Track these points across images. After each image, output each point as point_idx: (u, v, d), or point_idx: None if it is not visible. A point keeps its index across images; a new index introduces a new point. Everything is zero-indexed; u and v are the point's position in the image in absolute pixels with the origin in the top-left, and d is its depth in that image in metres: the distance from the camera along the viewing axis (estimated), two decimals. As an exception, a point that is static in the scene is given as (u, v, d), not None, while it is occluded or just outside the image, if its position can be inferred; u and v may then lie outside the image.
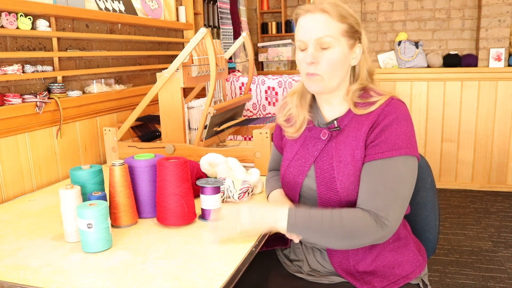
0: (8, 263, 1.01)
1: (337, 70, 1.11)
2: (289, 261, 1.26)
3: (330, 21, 1.08)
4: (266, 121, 1.97)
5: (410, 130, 1.08)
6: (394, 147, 1.05)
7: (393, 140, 1.05)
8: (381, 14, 4.15)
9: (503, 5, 3.69)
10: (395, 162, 1.05)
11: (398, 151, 1.05)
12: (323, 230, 1.03)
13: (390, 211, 1.03)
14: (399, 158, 1.05)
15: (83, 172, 1.19)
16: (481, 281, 2.39)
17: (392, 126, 1.06)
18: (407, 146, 1.06)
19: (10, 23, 1.50)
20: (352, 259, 1.13)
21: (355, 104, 1.13)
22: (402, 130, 1.06)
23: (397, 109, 1.08)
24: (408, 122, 1.08)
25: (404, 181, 1.06)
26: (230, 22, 3.72)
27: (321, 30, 1.08)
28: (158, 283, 0.90)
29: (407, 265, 1.14)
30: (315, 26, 1.08)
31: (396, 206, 1.04)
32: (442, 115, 3.90)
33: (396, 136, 1.05)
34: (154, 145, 1.73)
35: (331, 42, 1.08)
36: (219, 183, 1.23)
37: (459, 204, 3.56)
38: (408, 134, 1.07)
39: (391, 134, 1.06)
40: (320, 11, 1.08)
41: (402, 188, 1.05)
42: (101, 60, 2.05)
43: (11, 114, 1.49)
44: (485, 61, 3.80)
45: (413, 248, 1.17)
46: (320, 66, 1.10)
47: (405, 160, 1.05)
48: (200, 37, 1.60)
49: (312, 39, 1.09)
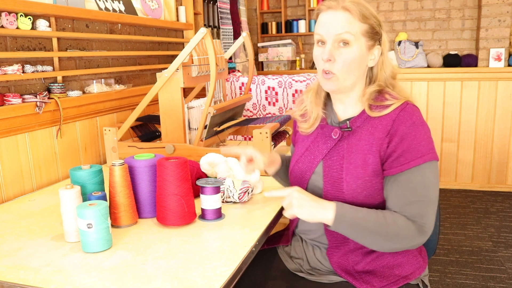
0: (8, 263, 1.01)
1: (353, 70, 1.10)
2: (290, 258, 1.26)
3: (351, 20, 1.07)
4: (266, 121, 1.97)
5: (428, 135, 1.08)
6: (417, 155, 1.05)
7: (415, 148, 1.05)
8: (381, 14, 4.15)
9: (503, 5, 3.69)
10: (422, 169, 1.05)
11: (423, 159, 1.05)
12: (370, 228, 1.04)
13: (427, 218, 1.05)
14: (424, 165, 1.05)
15: (83, 172, 1.19)
16: (481, 281, 2.39)
17: (411, 134, 1.06)
18: (429, 152, 1.06)
19: (10, 23, 1.49)
20: (352, 259, 1.13)
21: (370, 106, 1.12)
22: (421, 137, 1.06)
23: (412, 114, 1.08)
24: (424, 127, 1.08)
25: (432, 186, 1.07)
26: (230, 22, 3.72)
27: (340, 27, 1.07)
28: (158, 283, 0.90)
29: (407, 266, 1.14)
30: (334, 23, 1.08)
31: (430, 211, 1.06)
32: (442, 115, 3.90)
33: (417, 143, 1.05)
34: (154, 145, 1.73)
35: (350, 40, 1.07)
36: (219, 183, 1.23)
37: (459, 204, 3.56)
38: (427, 139, 1.07)
39: (412, 142, 1.06)
40: (342, 9, 1.08)
41: (431, 193, 1.07)
42: (101, 60, 2.05)
43: (11, 114, 1.49)
44: (485, 61, 3.80)
45: (414, 249, 1.17)
46: (336, 64, 1.09)
47: (429, 165, 1.06)
48: (200, 37, 1.60)
49: (331, 35, 1.08)
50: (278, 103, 2.65)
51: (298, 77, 2.62)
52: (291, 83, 2.61)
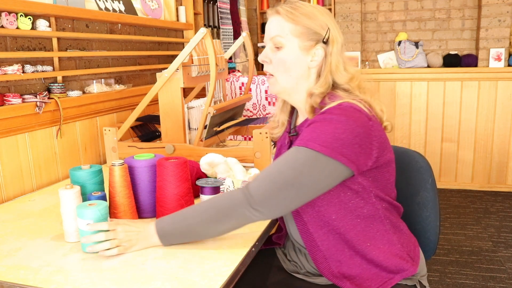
0: (8, 263, 1.01)
1: (288, 71, 1.11)
2: (288, 260, 1.26)
3: (281, 22, 1.10)
4: (266, 121, 1.97)
5: (342, 133, 0.97)
6: (307, 139, 0.98)
7: (313, 134, 0.99)
8: (381, 14, 4.15)
9: (503, 5, 3.69)
10: (298, 151, 0.99)
11: (307, 144, 0.97)
12: (192, 223, 1.02)
13: (261, 183, 0.98)
14: (303, 148, 0.98)
15: (83, 172, 1.19)
16: (481, 281, 2.39)
17: (321, 123, 1.00)
18: (326, 145, 0.96)
19: (10, 23, 1.50)
20: (333, 264, 1.10)
21: (312, 109, 1.08)
22: (329, 129, 0.98)
23: (338, 110, 1.01)
24: (343, 125, 0.98)
25: (295, 169, 0.97)
26: (230, 22, 3.72)
27: (273, 30, 1.11)
28: (158, 283, 0.90)
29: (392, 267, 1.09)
30: (269, 26, 1.13)
31: (271, 183, 0.98)
32: (442, 115, 3.90)
33: (319, 132, 0.99)
34: (154, 145, 1.73)
35: (282, 42, 1.10)
36: (219, 183, 1.24)
37: (459, 204, 3.56)
38: (336, 135, 0.97)
39: (315, 129, 1.00)
40: (275, 13, 1.12)
41: (287, 174, 0.97)
42: (101, 60, 2.05)
43: (11, 114, 1.49)
44: (485, 61, 3.80)
45: (403, 249, 1.12)
46: (271, 66, 1.13)
47: (309, 153, 0.97)
48: (200, 37, 1.60)
49: (267, 39, 1.14)
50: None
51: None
52: (291, 83, 2.61)
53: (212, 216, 1.02)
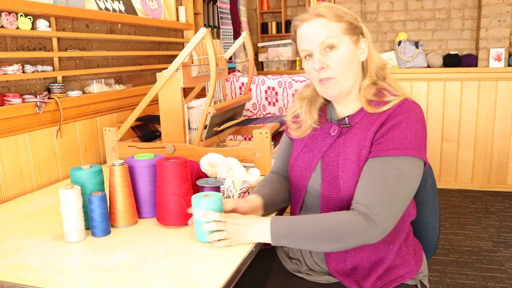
0: (8, 263, 1.01)
1: (349, 69, 1.10)
2: (288, 259, 1.26)
3: (328, 23, 1.08)
4: (266, 121, 1.97)
5: (420, 132, 1.05)
6: (400, 146, 1.02)
7: (400, 139, 1.03)
8: (381, 14, 4.15)
9: (503, 5, 3.69)
10: (399, 161, 1.03)
11: (404, 151, 1.02)
12: (308, 234, 1.02)
13: (384, 210, 1.01)
14: (403, 158, 1.03)
15: (83, 172, 1.19)
16: (481, 281, 2.39)
17: (401, 125, 1.04)
18: (414, 148, 1.03)
19: (10, 23, 1.49)
20: (350, 262, 1.12)
21: (368, 102, 1.11)
22: (411, 131, 1.04)
23: (409, 109, 1.06)
24: (419, 124, 1.05)
25: (406, 182, 1.03)
26: (230, 22, 3.72)
27: (321, 34, 1.08)
28: (158, 283, 0.90)
29: (401, 267, 1.12)
30: (315, 32, 1.09)
31: (391, 205, 1.02)
32: (442, 115, 3.90)
33: (403, 135, 1.03)
34: (154, 145, 1.73)
35: (335, 42, 1.08)
36: (219, 183, 1.23)
37: (459, 204, 3.56)
38: (417, 135, 1.04)
39: (399, 132, 1.04)
40: (316, 16, 1.10)
41: (402, 189, 1.03)
42: (101, 60, 2.05)
43: (11, 114, 1.49)
44: (485, 61, 3.80)
45: (409, 251, 1.15)
46: (331, 69, 1.10)
47: (410, 161, 1.03)
48: (200, 37, 1.60)
49: (316, 45, 1.09)
50: (278, 103, 2.65)
51: (298, 77, 2.62)
52: (291, 83, 2.61)
53: (331, 237, 1.02)
